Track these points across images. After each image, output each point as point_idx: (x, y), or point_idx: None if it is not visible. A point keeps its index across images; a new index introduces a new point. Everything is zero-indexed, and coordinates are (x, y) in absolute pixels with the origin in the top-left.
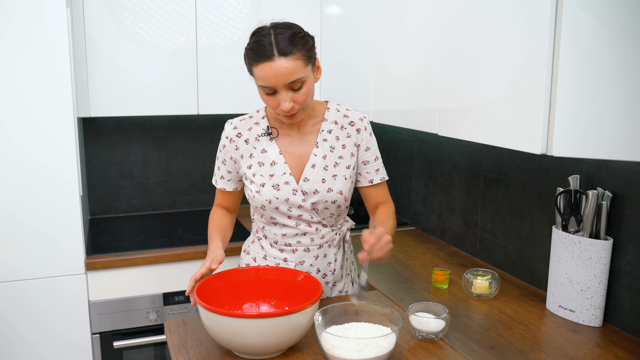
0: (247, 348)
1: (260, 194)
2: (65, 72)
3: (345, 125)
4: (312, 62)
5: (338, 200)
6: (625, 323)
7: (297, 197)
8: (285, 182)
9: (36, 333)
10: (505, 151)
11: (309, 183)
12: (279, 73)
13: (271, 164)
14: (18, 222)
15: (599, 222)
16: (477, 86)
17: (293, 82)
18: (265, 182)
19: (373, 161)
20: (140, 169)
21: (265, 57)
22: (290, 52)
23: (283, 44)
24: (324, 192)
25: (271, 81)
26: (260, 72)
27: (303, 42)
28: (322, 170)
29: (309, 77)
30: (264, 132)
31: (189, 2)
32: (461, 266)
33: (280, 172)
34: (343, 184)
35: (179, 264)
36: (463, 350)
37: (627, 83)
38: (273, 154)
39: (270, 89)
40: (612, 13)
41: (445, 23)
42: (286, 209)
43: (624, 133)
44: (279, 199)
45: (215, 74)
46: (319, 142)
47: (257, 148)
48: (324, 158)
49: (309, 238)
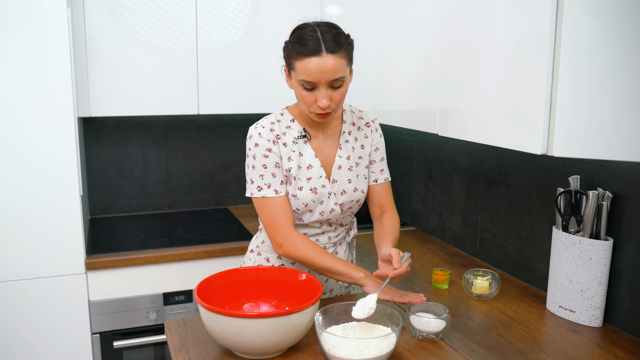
0: (247, 348)
1: (297, 198)
2: (65, 72)
3: (361, 126)
4: (351, 64)
5: (361, 199)
6: (625, 323)
7: (331, 200)
8: (322, 185)
9: (36, 333)
10: (505, 151)
11: (337, 184)
12: (324, 69)
13: (308, 167)
14: (18, 222)
15: (599, 222)
16: (477, 86)
17: (335, 79)
18: (303, 186)
19: (379, 161)
20: (140, 169)
21: (312, 52)
22: (337, 50)
23: (331, 42)
24: (351, 192)
25: (315, 76)
26: (304, 67)
27: (347, 43)
28: (347, 171)
29: (347, 77)
30: (299, 134)
31: (189, 2)
32: (461, 266)
33: (317, 175)
34: (364, 183)
35: (179, 264)
36: (463, 350)
37: (627, 83)
38: (309, 157)
39: (311, 84)
40: (612, 13)
41: (445, 23)
42: (318, 213)
43: (625, 133)
44: (315, 202)
45: (215, 74)
46: (341, 144)
47: (295, 151)
48: (347, 159)
49: (327, 237)
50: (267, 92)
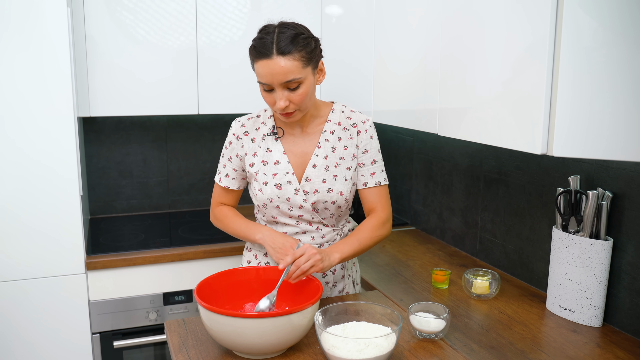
0: (247, 348)
1: (263, 192)
2: (65, 71)
3: (347, 126)
4: (312, 65)
5: (338, 200)
6: (625, 323)
7: (298, 197)
8: (288, 182)
9: (36, 333)
10: (505, 151)
11: (310, 183)
12: (275, 71)
13: (275, 163)
14: (18, 222)
15: (599, 222)
16: (477, 86)
17: (289, 81)
18: (268, 181)
19: (369, 165)
20: (140, 169)
21: (264, 55)
22: (288, 52)
23: (283, 43)
24: (324, 192)
25: (267, 78)
26: (259, 69)
27: (304, 44)
28: (323, 171)
29: (307, 78)
30: (269, 131)
31: (189, 2)
32: (461, 266)
33: (284, 172)
34: (343, 185)
35: (179, 264)
36: (463, 350)
37: (627, 83)
38: (277, 154)
39: (267, 85)
40: (612, 13)
41: (445, 23)
42: (287, 208)
43: (624, 133)
44: (280, 198)
45: (215, 74)
46: (321, 143)
47: (262, 147)
48: (325, 158)
49: (310, 237)
50: None
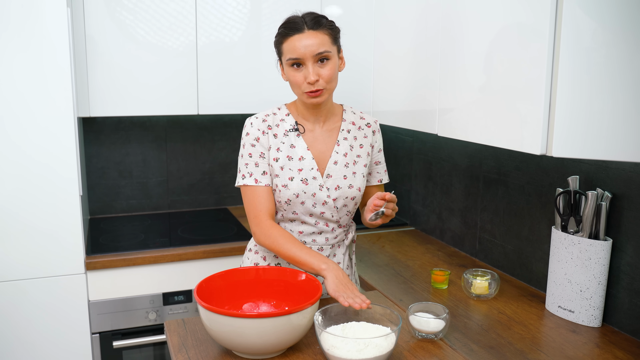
0: (247, 348)
1: (288, 188)
2: (65, 71)
3: (362, 126)
4: (337, 45)
5: (356, 197)
6: (624, 323)
7: (323, 192)
8: (313, 177)
9: (36, 333)
10: (504, 152)
11: (332, 179)
12: (308, 43)
13: (299, 158)
14: (18, 222)
15: (598, 222)
16: (476, 87)
17: (320, 53)
18: (294, 176)
19: (383, 162)
20: (140, 169)
21: (296, 30)
22: (319, 27)
23: (313, 21)
24: (345, 188)
25: (300, 51)
26: (290, 45)
27: (330, 24)
28: (343, 167)
29: (334, 55)
30: (292, 127)
31: (189, 2)
32: (461, 266)
33: (309, 167)
34: (361, 181)
35: (179, 264)
36: (462, 350)
37: (626, 84)
38: (301, 150)
39: (297, 60)
40: (611, 14)
41: (444, 23)
42: (311, 205)
43: (624, 134)
44: (306, 193)
45: (215, 74)
46: (339, 140)
47: (286, 143)
48: (344, 155)
49: (324, 237)
50: (266, 92)
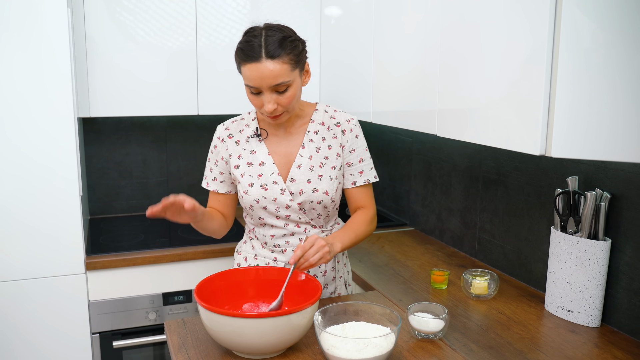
0: (247, 348)
1: (248, 194)
2: (65, 72)
3: (331, 126)
4: (299, 67)
5: (324, 200)
6: (623, 323)
7: (284, 197)
8: (274, 182)
9: (36, 332)
10: (504, 152)
11: (295, 183)
12: (264, 75)
13: (260, 164)
14: (18, 222)
15: (597, 223)
16: (476, 87)
17: (278, 84)
18: (254, 182)
19: (357, 163)
20: (140, 169)
21: (252, 58)
22: (277, 56)
23: (272, 47)
24: (309, 192)
25: (256, 82)
26: (247, 72)
27: (292, 47)
28: (307, 171)
29: (294, 81)
30: (253, 133)
31: (188, 3)
32: (460, 267)
33: (269, 172)
34: (329, 185)
35: (179, 264)
36: (462, 350)
37: (625, 84)
38: (262, 155)
39: (255, 89)
40: (610, 15)
41: (444, 24)
42: (274, 209)
43: (623, 134)
44: (266, 199)
45: (215, 75)
46: (305, 143)
47: (247, 149)
48: (309, 158)
49: (298, 238)
50: None
